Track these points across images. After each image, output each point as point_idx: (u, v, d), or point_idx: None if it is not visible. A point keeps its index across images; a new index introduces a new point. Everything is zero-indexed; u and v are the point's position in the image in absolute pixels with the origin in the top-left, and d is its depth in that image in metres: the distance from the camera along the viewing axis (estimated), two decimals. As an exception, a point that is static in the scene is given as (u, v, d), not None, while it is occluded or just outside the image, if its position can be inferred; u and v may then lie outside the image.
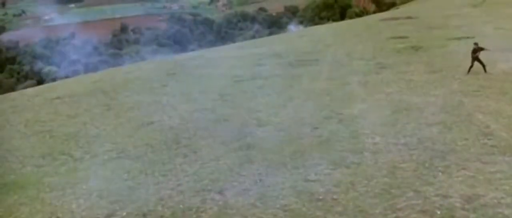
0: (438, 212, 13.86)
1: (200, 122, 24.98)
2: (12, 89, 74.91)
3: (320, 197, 15.26)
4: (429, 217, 13.72)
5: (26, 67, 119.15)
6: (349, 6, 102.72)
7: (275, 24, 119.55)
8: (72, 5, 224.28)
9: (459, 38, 39.36)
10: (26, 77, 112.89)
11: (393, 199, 14.75)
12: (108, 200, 16.81)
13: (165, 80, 37.86)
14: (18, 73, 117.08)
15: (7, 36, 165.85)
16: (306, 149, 19.27)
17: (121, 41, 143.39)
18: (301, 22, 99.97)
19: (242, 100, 28.04)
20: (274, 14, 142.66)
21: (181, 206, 15.75)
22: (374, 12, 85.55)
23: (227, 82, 33.36)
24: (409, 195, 14.88)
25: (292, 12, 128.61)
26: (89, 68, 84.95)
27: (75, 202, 17.05)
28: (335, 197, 15.19)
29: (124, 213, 15.72)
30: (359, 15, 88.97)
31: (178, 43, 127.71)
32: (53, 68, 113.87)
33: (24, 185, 19.49)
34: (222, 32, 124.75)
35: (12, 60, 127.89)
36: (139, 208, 15.94)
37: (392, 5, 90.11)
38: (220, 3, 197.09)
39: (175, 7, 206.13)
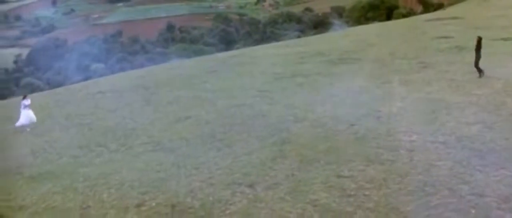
0: (473, 211, 13.44)
1: (237, 117, 24.88)
2: (60, 85, 76.00)
3: (352, 193, 14.96)
4: (463, 216, 13.30)
5: (74, 64, 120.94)
6: (396, 7, 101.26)
7: (320, 25, 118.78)
8: (120, 4, 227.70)
9: (505, 39, 38.43)
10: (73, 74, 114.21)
11: (426, 197, 14.36)
12: (138, 191, 16.81)
13: (206, 77, 37.94)
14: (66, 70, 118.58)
15: (56, 34, 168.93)
16: (340, 145, 18.96)
17: (167, 40, 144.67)
18: (347, 23, 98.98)
19: (281, 96, 27.84)
20: (320, 14, 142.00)
21: (210, 198, 15.64)
22: (421, 14, 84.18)
23: (267, 79, 33.22)
24: (444, 194, 14.47)
25: (338, 13, 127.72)
26: (135, 66, 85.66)
27: (107, 192, 17.11)
28: (366, 193, 14.87)
29: (154, 203, 15.69)
30: (405, 16, 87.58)
31: (223, 42, 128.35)
32: (100, 65, 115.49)
33: (59, 174, 19.66)
34: (268, 32, 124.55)
35: (61, 57, 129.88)
36: (168, 199, 15.89)
37: (440, 6, 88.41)
38: (266, 3, 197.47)
39: (221, 6, 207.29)
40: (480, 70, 27.42)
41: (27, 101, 27.62)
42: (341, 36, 55.12)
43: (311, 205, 14.52)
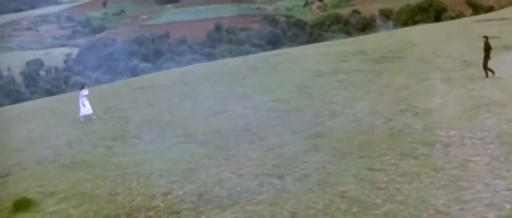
0: (507, 206, 12.87)
1: (273, 111, 24.66)
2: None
3: (382, 186, 14.55)
4: (496, 211, 12.74)
5: (122, 64, 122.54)
6: (445, 10, 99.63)
7: (368, 27, 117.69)
8: (169, 5, 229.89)
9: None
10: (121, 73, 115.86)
11: (459, 191, 13.85)
12: (167, 180, 16.73)
13: (247, 73, 37.79)
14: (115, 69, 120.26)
15: (106, 34, 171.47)
16: (375, 140, 18.51)
17: (214, 41, 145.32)
18: (394, 25, 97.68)
19: (319, 92, 27.47)
20: (367, 16, 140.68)
21: (238, 188, 15.44)
22: (471, 16, 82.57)
23: (307, 76, 32.83)
24: (478, 188, 13.93)
25: (386, 15, 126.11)
26: (182, 66, 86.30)
27: (136, 180, 17.10)
28: (397, 186, 14.44)
29: (181, 192, 15.57)
30: (454, 18, 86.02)
31: (270, 43, 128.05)
32: (148, 65, 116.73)
33: (92, 164, 19.80)
34: (315, 34, 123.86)
35: (110, 56, 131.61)
36: (196, 188, 15.75)
37: (490, 9, 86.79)
38: (314, 6, 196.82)
39: (269, 9, 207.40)
40: (487, 71, 26.73)
41: (85, 92, 28.25)
42: (386, 36, 54.25)
43: (339, 196, 14.17)
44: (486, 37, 27.26)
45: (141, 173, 17.75)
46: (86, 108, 27.82)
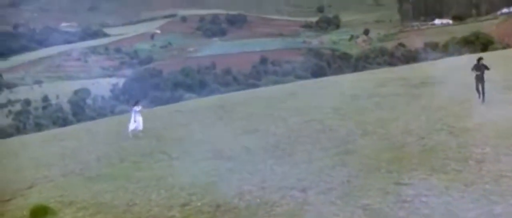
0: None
1: (305, 130, 24.07)
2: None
3: (408, 199, 13.82)
4: (529, 225, 11.92)
5: (167, 94, 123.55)
6: (491, 42, 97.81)
7: (413, 59, 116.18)
8: (216, 38, 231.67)
9: None
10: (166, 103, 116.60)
11: (491, 205, 13.05)
12: (187, 192, 16.28)
13: (285, 98, 37.27)
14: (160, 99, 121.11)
15: (152, 65, 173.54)
16: (405, 156, 17.78)
17: (259, 73, 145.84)
18: (440, 57, 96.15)
19: (354, 114, 26.75)
20: (412, 49, 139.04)
21: (258, 200, 14.88)
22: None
23: (344, 99, 32.12)
24: (511, 203, 13.08)
25: (432, 48, 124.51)
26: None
27: (156, 192, 16.71)
28: (424, 200, 13.70)
29: (199, 203, 15.09)
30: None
31: (314, 75, 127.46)
32: (193, 95, 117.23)
33: (116, 177, 19.56)
34: (360, 66, 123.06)
35: (155, 86, 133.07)
36: (215, 200, 15.26)
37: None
38: (359, 39, 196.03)
39: (314, 42, 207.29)
40: (479, 93, 26.18)
41: (138, 107, 28.13)
42: (429, 64, 53.30)
43: (361, 209, 13.50)
44: (478, 58, 27.16)
45: (163, 186, 17.36)
46: (135, 124, 27.62)
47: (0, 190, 19.62)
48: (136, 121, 27.67)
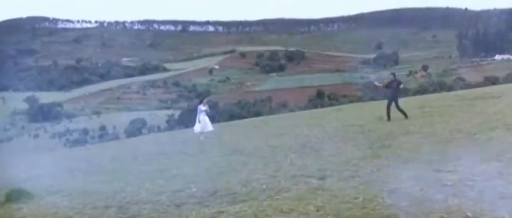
0: None
1: (340, 132, 21.50)
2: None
3: (449, 183, 10.97)
4: None
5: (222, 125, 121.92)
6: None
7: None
8: (274, 74, 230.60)
9: None
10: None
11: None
12: (187, 180, 13.76)
13: (328, 113, 34.84)
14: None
15: (210, 98, 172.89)
16: (450, 149, 14.92)
17: (315, 106, 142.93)
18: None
19: (399, 119, 23.94)
20: (472, 83, 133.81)
21: (264, 186, 12.24)
22: None
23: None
24: None
25: (492, 82, 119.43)
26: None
27: (153, 182, 14.24)
28: (469, 183, 10.84)
29: (194, 189, 12.54)
30: None
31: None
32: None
33: (119, 171, 17.39)
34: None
35: (210, 118, 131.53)
36: (214, 186, 12.67)
37: None
38: (418, 75, 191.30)
39: (372, 77, 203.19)
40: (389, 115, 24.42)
41: (204, 107, 24.99)
42: (489, 88, 50.18)
43: (387, 191, 10.72)
44: (391, 73, 26.46)
45: (164, 176, 14.95)
46: (201, 124, 24.46)
47: None
48: (200, 121, 24.55)
